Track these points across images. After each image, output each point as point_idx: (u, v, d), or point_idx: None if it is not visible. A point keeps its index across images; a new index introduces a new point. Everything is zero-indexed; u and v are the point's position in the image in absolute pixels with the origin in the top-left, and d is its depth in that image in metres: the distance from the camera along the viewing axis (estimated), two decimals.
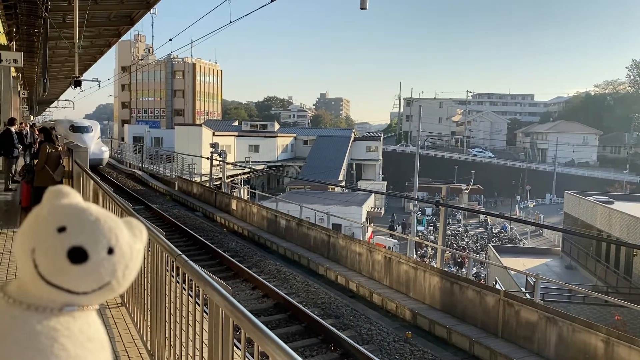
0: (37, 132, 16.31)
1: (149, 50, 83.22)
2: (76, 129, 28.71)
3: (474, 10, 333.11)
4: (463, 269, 30.05)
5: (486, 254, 35.34)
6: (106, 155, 31.04)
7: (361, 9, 11.89)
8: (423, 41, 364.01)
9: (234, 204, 21.39)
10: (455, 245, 40.39)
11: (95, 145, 28.62)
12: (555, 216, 53.15)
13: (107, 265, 0.97)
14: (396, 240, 32.17)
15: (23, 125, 17.93)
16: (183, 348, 3.24)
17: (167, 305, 3.62)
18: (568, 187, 44.99)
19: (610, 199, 29.58)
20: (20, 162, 13.78)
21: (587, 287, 20.56)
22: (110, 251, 0.97)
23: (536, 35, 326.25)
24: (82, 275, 0.95)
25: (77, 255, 0.94)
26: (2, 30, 14.41)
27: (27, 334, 0.91)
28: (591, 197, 29.71)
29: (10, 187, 13.16)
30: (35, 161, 9.75)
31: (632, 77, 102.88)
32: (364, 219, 34.20)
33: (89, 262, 0.95)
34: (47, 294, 0.95)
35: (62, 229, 0.95)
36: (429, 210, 52.73)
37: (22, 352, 0.89)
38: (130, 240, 1.02)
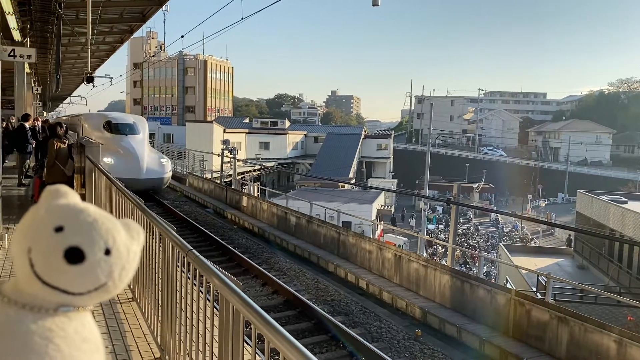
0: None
1: (160, 47, 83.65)
2: (115, 128, 19.47)
3: (482, 9, 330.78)
4: (473, 269, 29.89)
5: (497, 253, 35.13)
6: (169, 173, 20.63)
7: (373, 5, 11.88)
8: (434, 39, 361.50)
9: (244, 201, 21.45)
10: (466, 244, 40.22)
11: (149, 155, 19.41)
12: (567, 215, 52.70)
13: (104, 266, 0.96)
14: (406, 239, 32.09)
15: (37, 122, 18.06)
16: (193, 343, 3.24)
17: (177, 300, 3.62)
18: (580, 186, 44.57)
19: (624, 199, 29.27)
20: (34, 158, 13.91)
21: (599, 287, 20.37)
22: (107, 252, 0.97)
23: (542, 34, 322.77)
24: (79, 276, 0.94)
25: (74, 256, 0.93)
26: (16, 27, 14.50)
27: (21, 334, 0.90)
28: (604, 197, 29.41)
29: (23, 182, 13.30)
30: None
31: None
32: (374, 217, 34.15)
33: (85, 262, 0.94)
34: (42, 293, 0.94)
35: (59, 229, 0.95)
36: (439, 209, 52.56)
37: (17, 352, 0.89)
38: (127, 241, 1.01)
